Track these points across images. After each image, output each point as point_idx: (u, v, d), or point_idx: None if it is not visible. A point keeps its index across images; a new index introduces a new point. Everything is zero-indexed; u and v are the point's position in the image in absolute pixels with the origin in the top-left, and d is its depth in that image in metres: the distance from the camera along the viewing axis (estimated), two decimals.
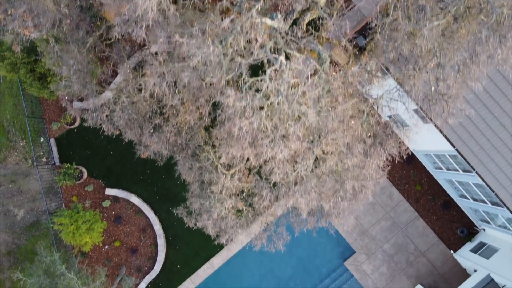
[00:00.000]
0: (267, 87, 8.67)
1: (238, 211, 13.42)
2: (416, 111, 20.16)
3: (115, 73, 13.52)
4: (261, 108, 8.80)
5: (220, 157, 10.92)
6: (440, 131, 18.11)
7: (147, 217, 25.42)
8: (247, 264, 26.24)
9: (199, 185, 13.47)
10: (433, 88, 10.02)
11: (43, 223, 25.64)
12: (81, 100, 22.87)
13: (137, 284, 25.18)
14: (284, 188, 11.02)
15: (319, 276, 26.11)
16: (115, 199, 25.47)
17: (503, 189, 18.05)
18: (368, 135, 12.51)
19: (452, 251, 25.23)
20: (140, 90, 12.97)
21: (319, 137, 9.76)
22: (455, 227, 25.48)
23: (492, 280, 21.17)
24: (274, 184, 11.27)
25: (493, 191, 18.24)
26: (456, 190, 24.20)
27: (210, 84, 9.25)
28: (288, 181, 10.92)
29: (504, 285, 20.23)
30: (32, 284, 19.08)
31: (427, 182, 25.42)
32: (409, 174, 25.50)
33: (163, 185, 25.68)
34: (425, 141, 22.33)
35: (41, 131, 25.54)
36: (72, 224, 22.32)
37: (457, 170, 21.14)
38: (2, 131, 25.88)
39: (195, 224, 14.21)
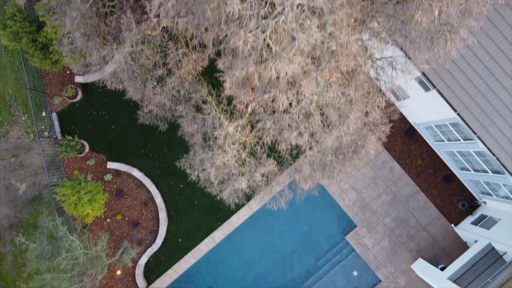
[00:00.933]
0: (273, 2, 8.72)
1: (242, 164, 13.44)
2: (418, 78, 20.26)
3: (119, 30, 13.49)
4: (266, 17, 8.83)
5: (224, 92, 10.91)
6: (442, 95, 18.16)
7: (148, 191, 25.47)
8: (248, 239, 26.27)
9: (201, 136, 13.49)
10: (436, 12, 9.99)
11: (45, 197, 25.68)
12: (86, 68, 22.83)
13: (139, 257, 25.23)
14: (288, 121, 11.02)
15: (320, 251, 26.15)
16: (117, 173, 25.53)
17: (504, 153, 18.11)
18: (372, 67, 12.50)
19: (453, 225, 25.29)
20: (143, 42, 13.02)
21: (324, 58, 9.76)
22: (456, 201, 25.54)
23: (493, 248, 21.23)
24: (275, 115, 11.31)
25: (494, 155, 18.28)
26: (457, 163, 24.25)
27: (213, 12, 9.24)
28: (292, 113, 10.93)
29: (505, 252, 20.29)
30: (35, 248, 19.14)
31: (428, 156, 25.48)
32: (410, 148, 25.55)
33: (164, 159, 25.72)
34: (426, 113, 22.39)
35: (43, 105, 25.59)
36: (74, 195, 22.37)
37: (458, 140, 21.19)
38: (4, 105, 25.93)
39: (198, 176, 14.24)
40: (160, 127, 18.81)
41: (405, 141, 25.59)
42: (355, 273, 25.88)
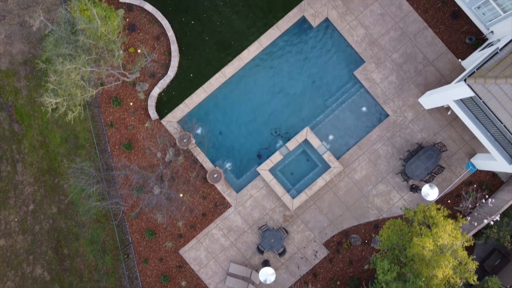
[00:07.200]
0: None
1: None
2: None
3: None
4: None
5: None
6: None
7: (160, 25, 25.84)
8: (258, 82, 26.58)
9: None
10: None
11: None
12: None
13: (151, 89, 25.63)
14: None
15: (329, 90, 26.50)
16: (129, 7, 25.89)
17: None
18: None
19: (460, 60, 25.67)
20: None
21: None
22: (463, 36, 25.89)
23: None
24: None
25: None
26: None
27: None
28: None
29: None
30: (52, 32, 19.40)
31: None
32: None
33: None
34: None
35: None
36: (88, 10, 22.68)
37: None
38: None
39: None
40: None
41: None
42: (364, 109, 26.28)
